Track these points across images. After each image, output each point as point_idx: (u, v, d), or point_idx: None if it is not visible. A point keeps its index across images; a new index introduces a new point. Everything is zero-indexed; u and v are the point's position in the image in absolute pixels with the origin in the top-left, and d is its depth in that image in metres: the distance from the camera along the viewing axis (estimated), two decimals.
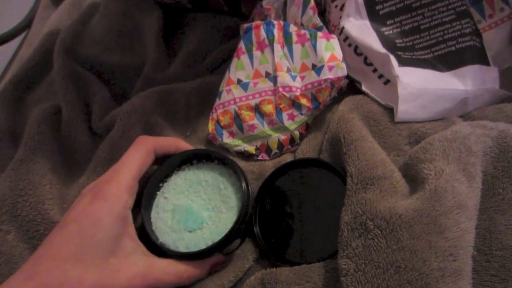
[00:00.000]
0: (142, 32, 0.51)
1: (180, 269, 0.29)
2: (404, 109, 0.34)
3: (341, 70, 0.35)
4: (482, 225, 0.26)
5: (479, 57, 0.37)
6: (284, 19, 0.41)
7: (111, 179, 0.29)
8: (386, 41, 0.38)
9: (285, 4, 0.41)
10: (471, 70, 0.36)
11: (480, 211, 0.26)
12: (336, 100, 0.38)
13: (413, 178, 0.28)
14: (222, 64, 0.47)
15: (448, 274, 0.21)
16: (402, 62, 0.36)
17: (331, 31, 0.40)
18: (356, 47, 0.38)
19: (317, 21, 0.39)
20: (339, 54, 0.36)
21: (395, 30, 0.39)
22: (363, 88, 0.38)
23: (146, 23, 0.50)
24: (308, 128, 0.39)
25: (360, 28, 0.38)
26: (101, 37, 0.51)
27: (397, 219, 0.24)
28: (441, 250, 0.22)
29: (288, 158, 0.37)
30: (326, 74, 0.35)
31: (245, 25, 0.40)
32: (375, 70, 0.37)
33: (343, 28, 0.38)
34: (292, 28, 0.38)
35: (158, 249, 0.30)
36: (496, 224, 0.26)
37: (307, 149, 0.36)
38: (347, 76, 0.39)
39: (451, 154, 0.26)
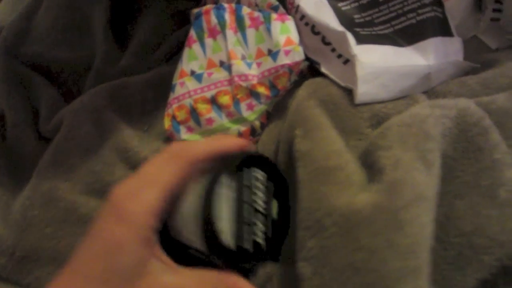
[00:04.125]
0: (91, 24, 0.47)
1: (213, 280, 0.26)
2: (364, 90, 0.33)
3: (298, 54, 0.33)
4: (441, 211, 0.25)
5: (441, 28, 0.35)
6: (238, 1, 0.38)
7: (135, 197, 0.25)
8: (343, 18, 0.36)
9: None
10: (433, 43, 0.34)
11: (439, 197, 0.26)
12: (297, 84, 0.37)
13: (372, 166, 0.27)
14: (178, 52, 0.44)
15: (408, 273, 0.21)
16: (361, 40, 0.34)
17: (288, 10, 0.38)
18: (313, 26, 0.36)
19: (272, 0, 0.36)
20: (295, 36, 0.34)
21: (352, 5, 0.36)
22: (322, 69, 0.36)
23: (95, 14, 0.47)
24: (269, 116, 0.37)
25: (316, 5, 0.36)
26: (48, 32, 0.47)
27: (355, 215, 0.23)
28: (401, 248, 0.21)
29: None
30: (283, 60, 0.33)
31: (195, 10, 0.37)
32: (333, 50, 0.36)
33: (298, 6, 0.36)
34: (245, 10, 0.36)
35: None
36: (455, 209, 0.25)
37: (267, 141, 0.34)
38: (307, 58, 0.37)
39: (408, 141, 0.25)
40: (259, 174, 0.28)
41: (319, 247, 0.23)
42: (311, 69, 0.38)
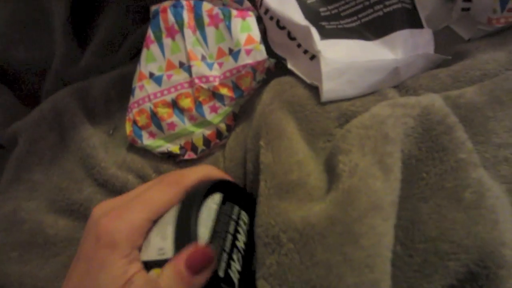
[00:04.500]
0: (51, 22, 0.45)
1: None
2: (330, 87, 0.31)
3: (260, 53, 0.32)
4: (405, 216, 0.24)
5: (410, 20, 0.34)
6: None
7: (122, 215, 0.25)
8: (309, 11, 0.34)
9: None
10: (401, 36, 0.33)
11: (403, 201, 0.25)
12: (266, 82, 0.35)
13: (332, 171, 0.26)
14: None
15: None
16: (326, 34, 0.33)
17: (255, 2, 0.36)
18: (278, 21, 0.34)
19: None
20: (256, 34, 0.32)
21: None
22: (289, 65, 0.34)
23: (55, 11, 0.45)
24: (236, 117, 0.35)
25: None
26: (3, 29, 0.44)
27: (310, 230, 0.22)
28: (357, 262, 0.20)
29: (219, 156, 0.34)
30: (244, 59, 0.32)
31: (153, 8, 0.35)
32: (299, 45, 0.34)
33: None
34: (206, 7, 0.34)
35: None
36: (419, 213, 0.24)
37: (234, 147, 0.33)
38: (274, 54, 0.36)
39: (366, 144, 0.24)
40: (236, 208, 0.28)
41: (276, 265, 0.22)
42: (278, 66, 0.36)
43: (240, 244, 0.27)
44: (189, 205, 0.25)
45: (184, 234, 0.24)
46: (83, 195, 0.34)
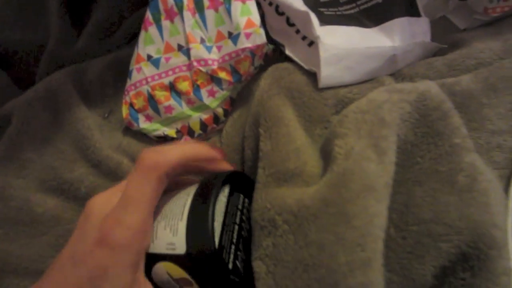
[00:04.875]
0: (46, 3, 0.44)
1: None
2: (328, 73, 0.31)
3: (260, 37, 0.32)
4: (400, 199, 0.25)
5: (408, 8, 0.34)
6: None
7: (120, 220, 0.24)
8: None
9: None
10: (399, 24, 0.33)
11: (398, 184, 0.25)
12: (263, 69, 0.35)
13: (328, 155, 0.26)
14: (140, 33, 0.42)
15: (356, 266, 0.20)
16: (325, 20, 0.33)
17: None
18: (277, 6, 0.34)
19: None
20: (256, 18, 0.32)
21: None
22: (287, 52, 0.34)
23: None
24: (233, 102, 0.36)
25: None
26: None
27: (305, 211, 0.22)
28: (349, 242, 0.21)
29: (215, 141, 0.35)
30: (244, 43, 0.32)
31: None
32: (298, 31, 0.34)
33: None
34: None
35: None
36: (413, 197, 0.25)
37: (232, 133, 0.33)
38: (272, 40, 0.36)
39: (363, 128, 0.24)
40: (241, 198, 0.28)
41: (272, 246, 0.22)
42: (276, 52, 0.36)
43: (245, 233, 0.27)
44: (203, 201, 0.24)
45: (198, 231, 0.24)
46: (74, 175, 0.34)
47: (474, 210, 0.24)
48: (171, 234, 0.25)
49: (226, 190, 0.27)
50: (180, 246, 0.24)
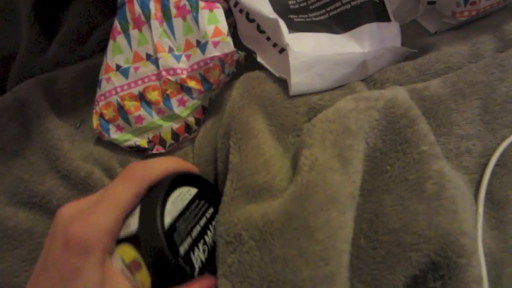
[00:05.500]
0: (16, 11, 0.43)
1: None
2: (298, 81, 0.31)
3: (228, 46, 0.31)
4: (369, 209, 0.25)
5: (377, 13, 0.34)
6: None
7: (88, 220, 0.24)
8: (277, 4, 0.34)
9: None
10: (368, 29, 0.33)
11: (367, 193, 0.25)
12: (236, 76, 0.35)
13: (295, 166, 0.26)
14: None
15: (320, 282, 0.20)
16: (294, 27, 0.33)
17: None
18: (247, 13, 0.34)
19: None
20: (224, 26, 0.32)
21: None
22: (258, 59, 0.34)
23: (20, 0, 0.43)
24: (205, 111, 0.35)
25: None
26: None
27: (269, 226, 0.22)
28: (312, 256, 0.20)
29: (188, 151, 0.34)
30: (212, 52, 0.31)
31: None
32: (268, 38, 0.34)
33: None
34: None
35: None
36: (383, 206, 0.25)
37: (204, 143, 0.33)
38: (244, 47, 0.35)
39: (328, 138, 0.24)
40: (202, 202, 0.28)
41: (238, 263, 0.22)
42: (248, 59, 0.36)
43: (209, 240, 0.27)
44: (160, 188, 0.26)
45: (149, 210, 0.25)
46: (45, 187, 0.33)
47: (442, 218, 0.24)
48: (130, 219, 0.26)
49: (192, 191, 0.27)
50: (133, 226, 0.25)
